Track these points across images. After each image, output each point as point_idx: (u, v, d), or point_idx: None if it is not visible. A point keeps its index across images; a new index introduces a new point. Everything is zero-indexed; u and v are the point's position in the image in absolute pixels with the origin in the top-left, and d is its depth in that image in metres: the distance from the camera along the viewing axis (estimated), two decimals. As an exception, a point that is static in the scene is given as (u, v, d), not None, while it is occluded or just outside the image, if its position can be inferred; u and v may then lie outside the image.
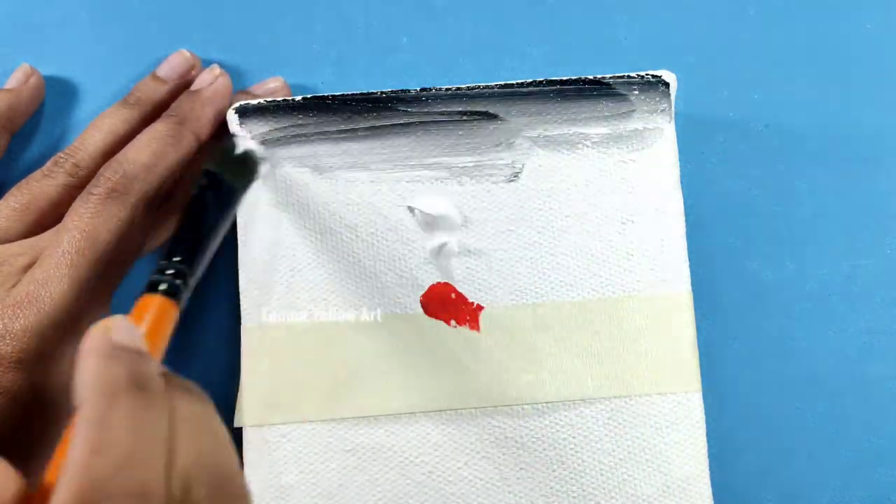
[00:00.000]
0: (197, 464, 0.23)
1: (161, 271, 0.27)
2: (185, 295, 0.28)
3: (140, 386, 0.23)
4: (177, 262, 0.28)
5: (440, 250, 0.33)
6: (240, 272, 0.33)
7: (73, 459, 0.21)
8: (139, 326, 0.25)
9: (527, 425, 0.32)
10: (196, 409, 0.24)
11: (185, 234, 0.29)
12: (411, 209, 0.33)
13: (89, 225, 0.30)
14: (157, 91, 0.35)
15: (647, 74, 0.34)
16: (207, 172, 0.31)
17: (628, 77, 0.34)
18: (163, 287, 0.27)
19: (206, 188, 0.31)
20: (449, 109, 0.34)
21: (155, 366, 0.24)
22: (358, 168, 0.34)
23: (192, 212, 0.30)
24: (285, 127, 0.34)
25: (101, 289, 0.30)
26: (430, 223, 0.33)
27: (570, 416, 0.32)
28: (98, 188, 0.31)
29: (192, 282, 0.28)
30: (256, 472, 0.32)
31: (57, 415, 0.30)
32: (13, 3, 0.38)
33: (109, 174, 0.31)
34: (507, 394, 0.32)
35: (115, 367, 0.23)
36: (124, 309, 0.35)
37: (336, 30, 0.38)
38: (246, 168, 0.32)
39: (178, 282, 0.27)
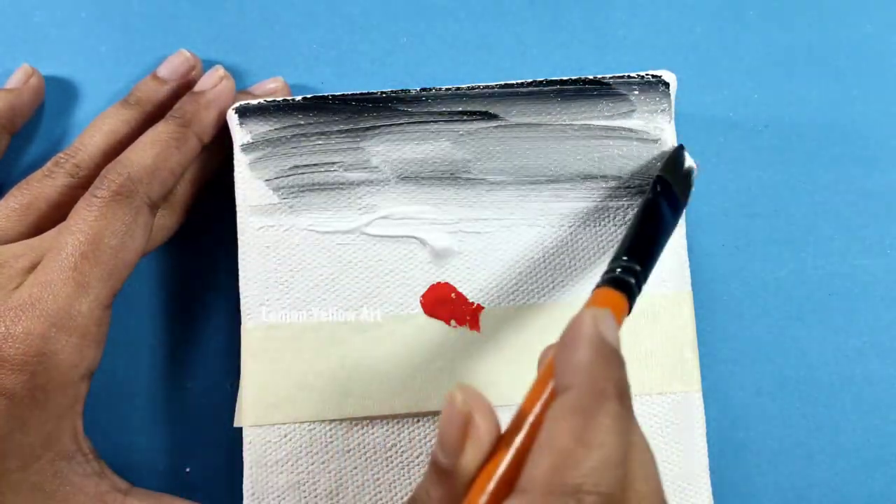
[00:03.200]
0: (645, 480, 0.23)
1: (614, 269, 0.27)
2: (636, 297, 0.27)
3: (622, 394, 0.23)
4: (627, 260, 0.27)
5: (441, 251, 0.33)
6: (240, 272, 0.33)
7: (555, 440, 0.22)
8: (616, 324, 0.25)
9: (527, 425, 0.32)
10: (638, 426, 0.24)
11: (641, 238, 0.29)
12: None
13: (93, 227, 0.30)
14: (158, 91, 0.35)
15: (647, 74, 0.34)
16: (661, 180, 0.31)
17: (628, 77, 0.34)
18: (625, 283, 0.27)
19: (661, 195, 0.31)
20: (449, 109, 0.34)
21: (627, 374, 0.24)
22: (358, 168, 0.34)
23: (647, 216, 0.30)
24: (285, 127, 0.34)
25: (103, 291, 0.30)
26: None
27: (570, 416, 0.32)
28: (102, 190, 0.31)
29: (643, 280, 0.28)
30: (256, 472, 0.32)
31: (58, 417, 0.30)
32: (13, 3, 0.38)
33: (113, 176, 0.31)
34: (507, 394, 0.32)
35: (606, 367, 0.23)
36: (126, 311, 0.35)
37: (336, 30, 0.38)
38: (689, 180, 0.32)
39: (633, 282, 0.27)
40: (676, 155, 0.32)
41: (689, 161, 0.32)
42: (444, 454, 0.24)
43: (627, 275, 0.27)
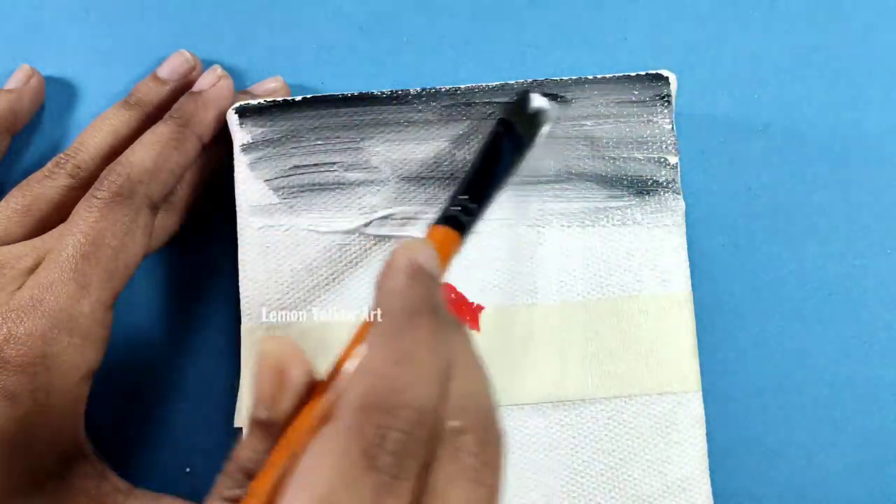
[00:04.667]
0: (468, 396, 0.24)
1: (456, 205, 0.29)
2: (471, 230, 0.29)
3: (437, 311, 0.24)
4: (465, 199, 0.29)
5: None
6: (240, 272, 0.33)
7: (371, 364, 0.23)
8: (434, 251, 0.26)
9: (527, 425, 0.32)
10: (468, 344, 0.25)
11: (478, 175, 0.31)
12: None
13: (94, 229, 0.30)
14: (158, 92, 0.35)
15: (647, 74, 0.34)
16: (503, 121, 0.33)
17: (628, 77, 0.34)
18: (456, 220, 0.28)
19: (501, 135, 0.32)
20: (449, 109, 0.34)
21: (444, 294, 0.25)
22: (358, 168, 0.34)
23: (486, 155, 0.32)
24: (285, 127, 0.34)
25: (104, 292, 0.30)
26: None
27: (570, 416, 0.32)
28: (102, 191, 0.31)
29: (479, 219, 0.30)
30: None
31: (60, 418, 0.30)
32: (13, 3, 0.38)
33: (114, 177, 0.31)
34: (507, 394, 0.32)
35: (418, 288, 0.23)
36: (126, 311, 0.35)
37: (336, 30, 0.38)
38: (536, 122, 0.33)
39: (466, 218, 0.29)
40: (522, 97, 0.33)
41: (537, 102, 0.33)
42: (261, 407, 0.24)
43: (461, 213, 0.29)
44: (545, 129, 0.33)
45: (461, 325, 0.25)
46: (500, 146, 0.32)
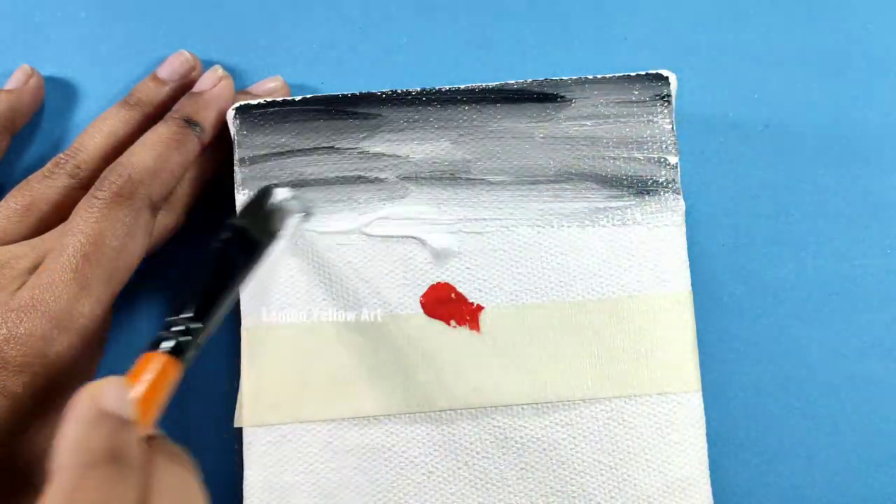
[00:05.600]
0: None
1: (168, 327, 0.26)
2: (193, 353, 0.27)
3: (116, 458, 0.23)
4: (187, 318, 0.27)
5: (441, 251, 0.33)
6: (240, 272, 0.33)
7: None
8: (133, 387, 0.25)
9: (527, 425, 0.32)
10: (176, 478, 0.24)
11: (200, 288, 0.28)
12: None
13: (94, 229, 0.30)
14: (158, 92, 0.35)
15: (646, 74, 0.34)
16: (232, 226, 0.30)
17: (628, 76, 0.34)
18: (167, 345, 0.26)
19: (230, 242, 0.29)
20: (449, 109, 0.34)
21: (136, 435, 0.24)
22: (358, 168, 0.34)
23: (212, 267, 0.29)
24: (285, 127, 0.34)
25: (104, 292, 0.30)
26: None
27: (570, 416, 0.32)
28: (103, 192, 0.31)
29: (203, 339, 0.27)
30: (256, 472, 0.32)
31: (58, 419, 0.30)
32: (13, 3, 0.38)
33: (114, 178, 0.31)
34: (507, 394, 0.32)
35: (94, 437, 0.23)
36: (126, 311, 0.35)
37: (336, 30, 0.38)
38: (274, 221, 0.31)
39: (184, 339, 0.26)
40: (259, 196, 0.31)
41: (274, 197, 0.31)
42: None
43: (180, 334, 0.26)
44: (291, 223, 0.31)
45: (173, 455, 0.24)
46: (228, 254, 0.29)
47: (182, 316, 0.27)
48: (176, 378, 0.26)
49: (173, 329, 0.27)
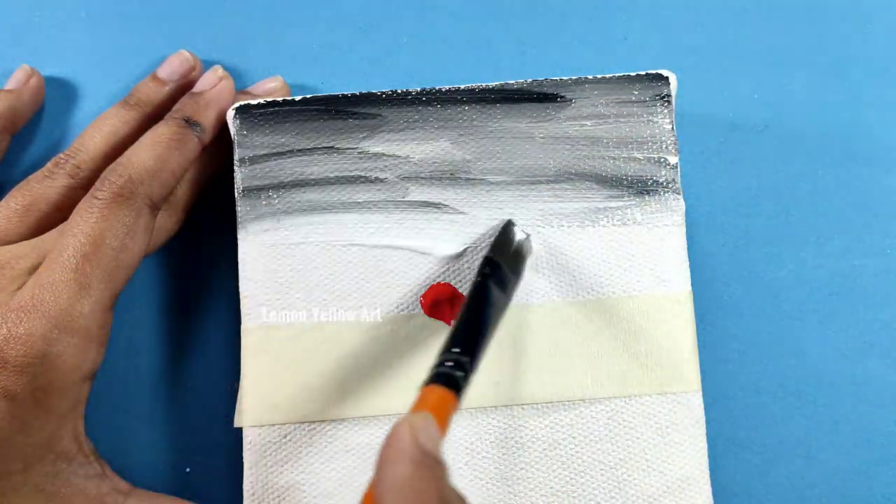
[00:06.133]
0: None
1: (447, 362, 0.26)
2: (467, 388, 0.26)
3: (445, 502, 0.22)
4: (458, 353, 0.27)
5: (446, 259, 0.33)
6: (240, 272, 0.33)
7: None
8: (437, 428, 0.24)
9: (527, 425, 0.32)
10: None
11: (468, 324, 0.28)
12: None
13: (94, 229, 0.30)
14: (158, 92, 0.35)
15: (647, 74, 0.34)
16: (489, 261, 0.30)
17: (628, 76, 0.34)
18: (451, 378, 0.26)
19: (489, 276, 0.30)
20: (449, 109, 0.34)
21: (451, 479, 0.23)
22: (358, 168, 0.34)
23: (477, 302, 0.29)
24: (285, 126, 0.34)
25: (105, 292, 0.30)
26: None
27: (570, 416, 0.32)
28: (103, 192, 0.31)
29: (474, 374, 0.27)
30: (256, 472, 0.32)
31: (60, 418, 0.30)
32: (13, 3, 0.38)
33: (114, 178, 0.31)
34: (508, 394, 0.32)
35: (427, 480, 0.22)
36: (126, 311, 0.35)
37: (336, 30, 0.38)
38: (519, 256, 0.31)
39: (459, 374, 0.26)
40: (504, 232, 0.32)
41: (518, 234, 0.32)
42: None
43: (454, 368, 0.26)
44: (528, 261, 0.32)
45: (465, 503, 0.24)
46: (489, 288, 0.29)
47: (453, 350, 0.27)
48: (455, 411, 0.26)
49: (449, 364, 0.26)
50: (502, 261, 0.30)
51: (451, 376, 0.26)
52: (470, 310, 0.29)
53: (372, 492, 0.23)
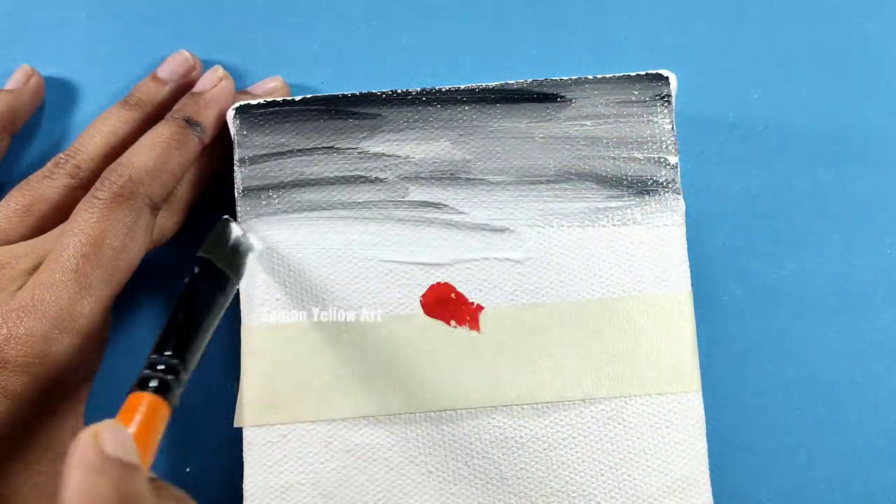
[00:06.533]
0: None
1: (152, 366, 0.26)
2: (179, 391, 0.27)
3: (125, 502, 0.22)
4: (168, 356, 0.27)
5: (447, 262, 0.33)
6: (240, 272, 0.33)
7: None
8: (128, 429, 0.24)
9: (526, 425, 0.32)
10: None
11: (177, 325, 0.28)
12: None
13: (94, 229, 0.30)
14: (158, 92, 0.35)
15: (647, 74, 0.34)
16: (200, 259, 0.30)
17: (628, 76, 0.34)
18: (153, 384, 0.26)
19: (199, 275, 0.30)
20: (449, 109, 0.34)
21: (144, 480, 0.23)
22: (358, 168, 0.34)
23: (185, 302, 0.29)
24: (285, 126, 0.34)
25: (105, 292, 0.30)
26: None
27: (569, 416, 0.32)
28: (103, 192, 0.31)
29: (186, 376, 0.27)
30: (256, 472, 0.32)
31: (60, 418, 0.30)
32: (13, 3, 0.38)
33: (114, 178, 0.31)
34: (507, 394, 0.32)
35: (102, 485, 0.22)
36: (126, 311, 0.35)
37: (336, 30, 0.38)
38: (239, 254, 0.31)
39: (169, 377, 0.26)
40: (219, 229, 0.32)
41: (235, 231, 0.32)
42: None
43: (164, 372, 0.26)
44: (249, 260, 0.31)
45: (178, 500, 0.24)
46: (199, 289, 0.29)
47: (164, 354, 0.27)
48: (166, 417, 0.26)
49: (158, 368, 0.27)
50: (215, 258, 0.30)
51: (161, 380, 0.26)
52: (179, 310, 0.28)
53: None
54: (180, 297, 0.29)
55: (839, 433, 0.34)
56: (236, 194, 0.33)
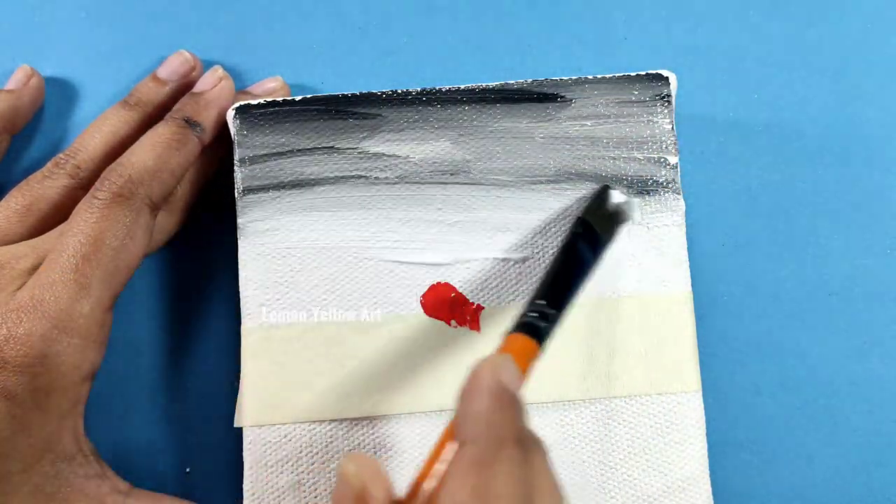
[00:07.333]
0: None
1: (532, 313, 0.28)
2: (549, 341, 0.28)
3: (522, 440, 0.23)
4: (543, 304, 0.28)
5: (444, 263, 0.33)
6: (240, 272, 0.33)
7: (453, 495, 0.22)
8: (517, 370, 0.25)
9: (527, 425, 0.32)
10: (548, 466, 0.24)
11: (555, 279, 0.30)
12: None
13: (94, 229, 0.30)
14: (158, 92, 0.35)
15: (646, 74, 0.34)
16: (582, 221, 0.32)
17: (628, 76, 0.34)
18: (534, 328, 0.27)
19: (580, 236, 0.31)
20: (449, 109, 0.34)
21: (528, 419, 0.24)
22: (357, 168, 0.34)
23: (565, 258, 0.30)
24: (285, 127, 0.34)
25: (104, 292, 0.30)
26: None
27: (569, 416, 0.32)
28: (103, 192, 0.31)
29: (556, 329, 0.28)
30: (256, 472, 0.32)
31: (59, 418, 0.30)
32: (13, 3, 0.38)
33: (114, 178, 0.31)
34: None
35: (505, 415, 0.23)
36: (126, 311, 0.35)
37: (336, 30, 0.38)
38: (616, 221, 0.32)
39: (543, 324, 0.27)
40: (600, 194, 0.32)
41: (617, 198, 0.32)
42: None
43: (538, 319, 0.28)
44: (625, 227, 0.32)
45: (541, 445, 0.24)
46: (578, 247, 0.31)
47: (538, 302, 0.28)
48: (536, 360, 0.27)
49: (538, 315, 0.28)
50: (594, 221, 0.31)
51: (535, 326, 0.27)
52: (558, 264, 0.30)
53: (452, 426, 0.24)
54: (560, 252, 0.31)
55: (839, 433, 0.34)
56: (236, 194, 0.33)
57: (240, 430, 0.32)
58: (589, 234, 0.31)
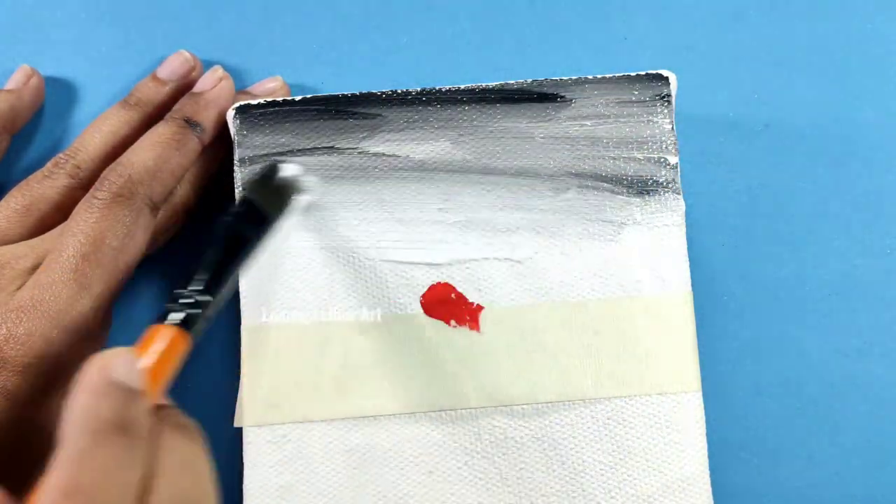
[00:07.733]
0: (176, 501, 0.23)
1: (176, 299, 0.27)
2: (203, 326, 0.27)
3: (125, 428, 0.23)
4: (195, 290, 0.27)
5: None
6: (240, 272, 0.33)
7: (45, 498, 0.22)
8: (142, 359, 0.25)
9: (527, 425, 0.32)
10: (183, 449, 0.24)
11: (209, 262, 0.28)
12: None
13: (94, 229, 0.30)
14: (158, 92, 0.35)
15: (647, 74, 0.34)
16: (244, 200, 0.31)
17: (628, 76, 0.34)
18: (175, 318, 0.26)
19: (240, 216, 0.30)
20: (449, 109, 0.34)
21: (145, 405, 0.24)
22: (357, 168, 0.34)
23: (221, 240, 0.29)
24: (284, 127, 0.34)
25: (104, 292, 0.30)
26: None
27: (569, 416, 0.32)
28: (102, 192, 0.31)
29: (212, 311, 0.27)
30: (256, 472, 0.32)
31: (58, 419, 0.30)
32: (13, 3, 0.38)
33: (114, 178, 0.31)
34: (507, 394, 0.32)
35: (103, 407, 0.23)
36: (125, 311, 0.35)
37: (336, 30, 0.38)
38: (284, 196, 0.31)
39: (193, 311, 0.27)
40: (267, 171, 0.32)
41: (285, 171, 0.32)
42: None
43: (188, 307, 0.27)
44: (300, 200, 0.31)
45: (181, 426, 0.25)
46: (240, 228, 0.29)
47: (191, 288, 0.27)
48: (185, 350, 0.26)
49: (181, 301, 0.27)
50: (259, 199, 0.30)
51: (186, 315, 0.26)
52: (215, 248, 0.29)
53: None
54: (217, 234, 0.29)
55: (839, 433, 0.34)
56: (236, 194, 0.33)
57: (240, 430, 0.32)
58: (252, 212, 0.30)
